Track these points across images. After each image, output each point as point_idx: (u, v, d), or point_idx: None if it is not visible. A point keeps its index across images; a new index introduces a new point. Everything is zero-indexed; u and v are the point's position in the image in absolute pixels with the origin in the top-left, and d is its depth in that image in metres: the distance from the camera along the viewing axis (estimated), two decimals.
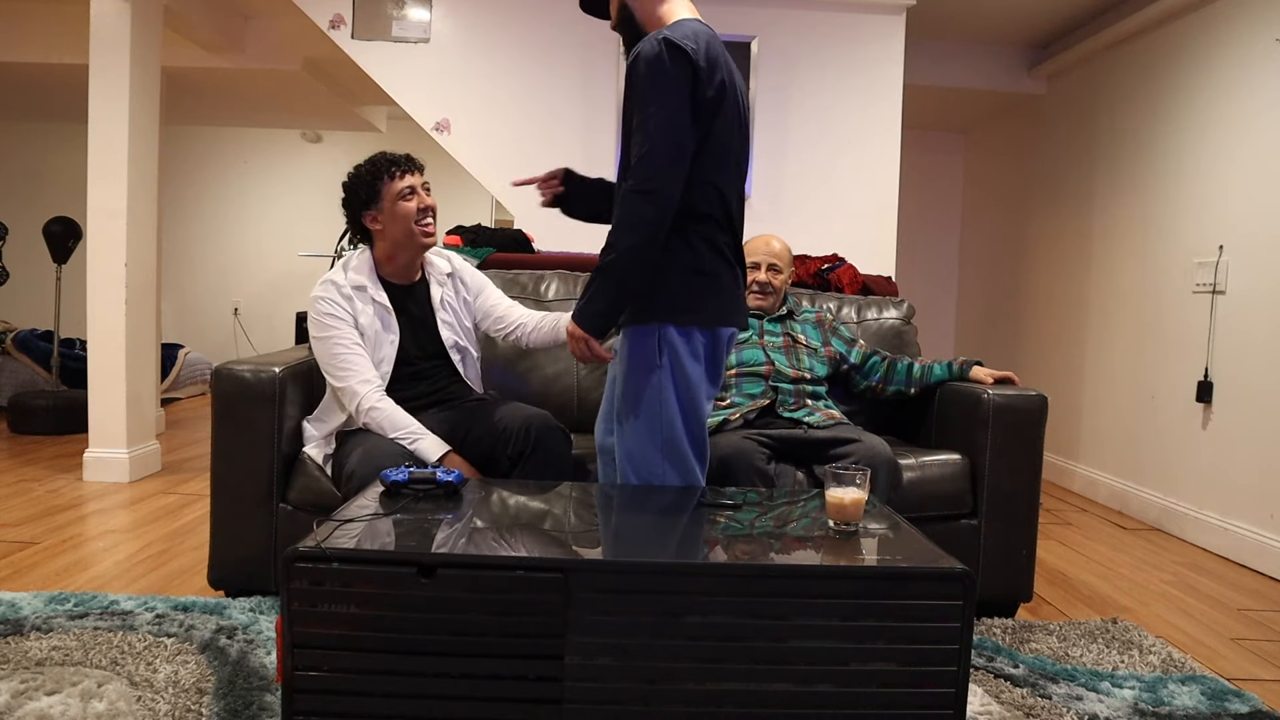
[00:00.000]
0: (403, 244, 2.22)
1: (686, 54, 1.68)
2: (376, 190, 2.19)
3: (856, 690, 1.31)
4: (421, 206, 2.21)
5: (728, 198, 1.81)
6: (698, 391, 1.82)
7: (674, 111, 1.68)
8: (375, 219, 2.21)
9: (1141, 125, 3.93)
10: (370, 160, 2.23)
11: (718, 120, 1.74)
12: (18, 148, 7.25)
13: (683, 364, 1.80)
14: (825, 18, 4.00)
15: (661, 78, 1.68)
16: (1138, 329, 3.88)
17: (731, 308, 1.85)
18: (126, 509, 3.23)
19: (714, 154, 1.76)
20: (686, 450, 1.84)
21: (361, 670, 1.29)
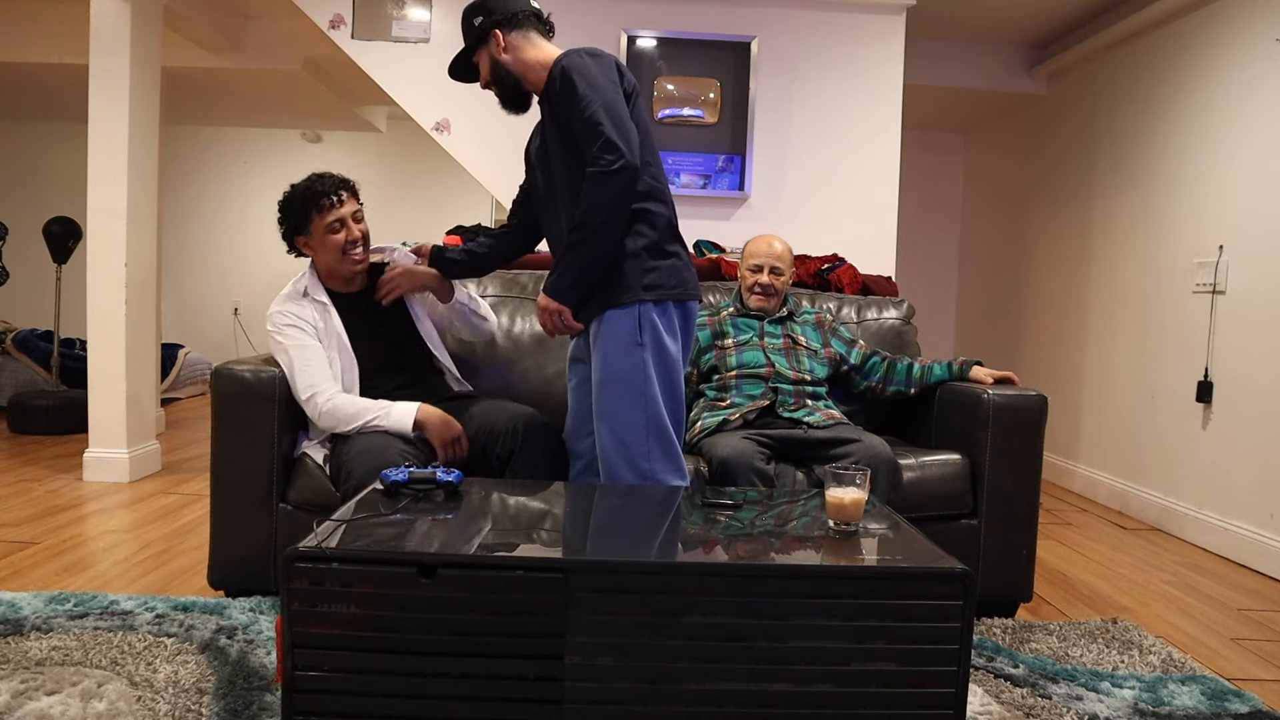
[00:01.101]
0: (334, 269, 2.27)
1: (605, 57, 1.89)
2: (307, 219, 2.23)
3: (856, 690, 1.31)
4: (350, 239, 2.23)
5: (664, 180, 1.98)
6: (676, 367, 1.93)
7: (615, 100, 1.83)
8: (306, 244, 2.26)
9: (1141, 125, 3.93)
10: (304, 185, 2.25)
11: (635, 111, 1.90)
12: (18, 148, 7.25)
13: (662, 340, 1.90)
14: (825, 18, 4.00)
15: (592, 75, 1.84)
16: (1138, 329, 3.88)
17: (694, 281, 1.99)
18: (126, 509, 3.23)
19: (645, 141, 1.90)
20: (668, 427, 1.91)
21: (361, 670, 1.29)
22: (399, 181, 7.36)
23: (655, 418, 1.89)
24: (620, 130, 1.80)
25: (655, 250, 1.91)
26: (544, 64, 1.97)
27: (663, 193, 1.96)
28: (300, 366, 2.15)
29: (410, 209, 7.18)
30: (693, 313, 1.98)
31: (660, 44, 3.91)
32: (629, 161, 1.80)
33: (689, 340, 2.00)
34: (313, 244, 2.25)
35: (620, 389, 1.89)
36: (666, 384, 1.91)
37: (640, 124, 1.90)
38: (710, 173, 3.96)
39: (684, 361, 1.99)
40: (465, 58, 2.10)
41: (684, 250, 1.99)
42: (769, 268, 2.59)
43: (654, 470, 1.90)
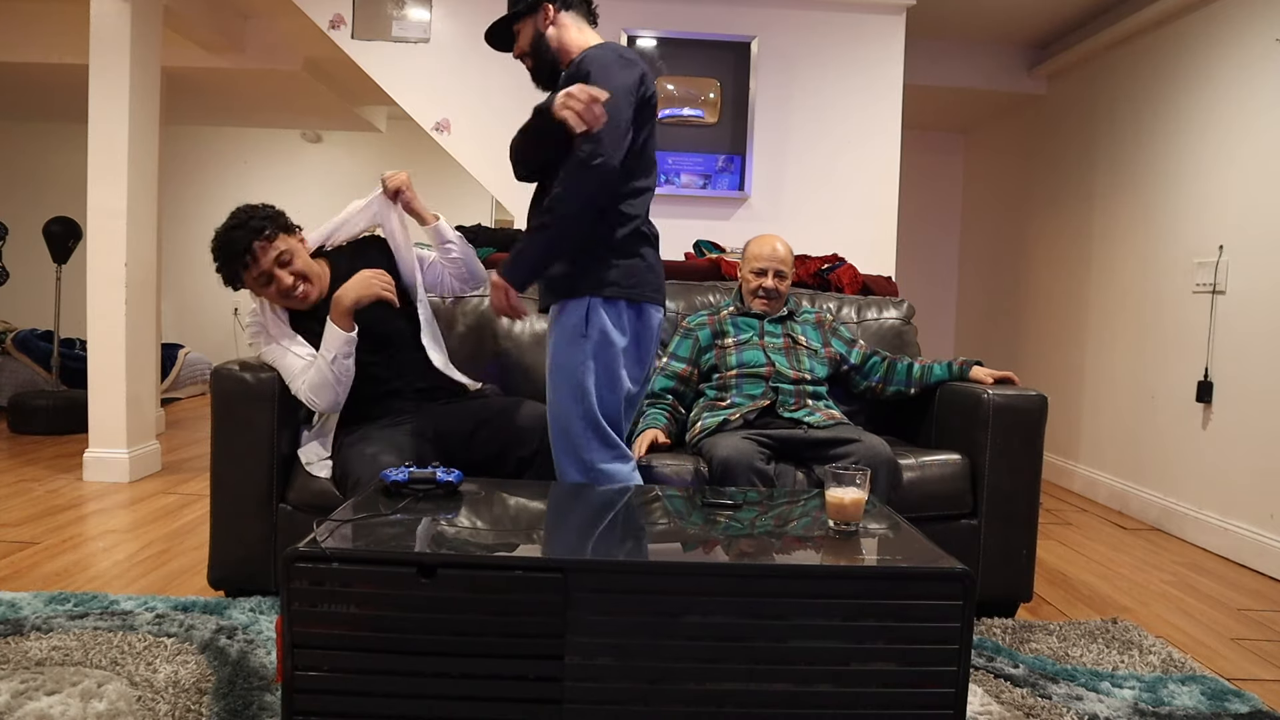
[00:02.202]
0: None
1: (636, 63, 1.89)
2: (237, 275, 2.19)
3: (856, 690, 1.31)
4: (283, 288, 2.15)
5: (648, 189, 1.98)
6: (616, 363, 1.92)
7: (619, 102, 1.82)
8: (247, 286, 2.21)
9: (1141, 125, 3.93)
10: (223, 242, 2.17)
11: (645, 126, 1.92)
12: (18, 148, 7.25)
13: (608, 335, 1.90)
14: (825, 18, 4.00)
15: (613, 71, 1.84)
16: (1138, 329, 3.88)
17: (655, 285, 1.98)
18: (126, 509, 3.23)
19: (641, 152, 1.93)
20: (599, 418, 1.92)
21: (361, 670, 1.29)
22: None
23: (589, 411, 1.91)
24: (611, 128, 1.80)
25: (618, 249, 1.91)
26: (578, 47, 1.97)
27: (641, 200, 1.96)
28: (283, 368, 2.19)
29: None
30: (648, 315, 1.96)
31: (660, 44, 3.91)
32: (607, 160, 1.80)
33: (644, 342, 1.97)
34: (250, 287, 2.22)
35: (560, 379, 1.94)
36: (605, 377, 1.91)
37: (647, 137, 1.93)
38: (710, 173, 3.96)
39: (639, 364, 1.97)
40: (506, 24, 2.07)
41: (651, 254, 1.98)
42: (773, 271, 2.59)
43: (593, 460, 1.93)
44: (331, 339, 2.11)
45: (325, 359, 2.11)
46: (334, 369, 2.11)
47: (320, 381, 2.12)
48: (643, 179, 1.95)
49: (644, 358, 1.99)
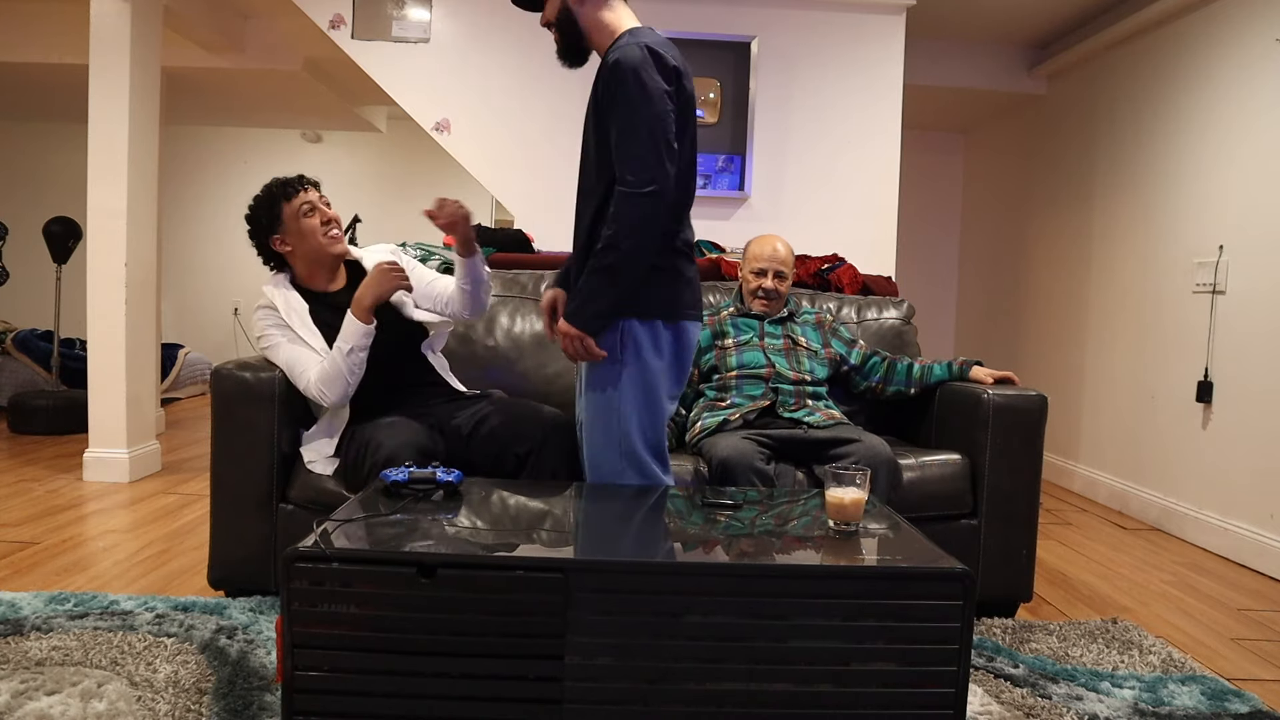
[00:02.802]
0: (316, 258, 2.26)
1: (667, 61, 1.76)
2: (277, 213, 2.22)
3: (856, 690, 1.31)
4: (324, 220, 2.24)
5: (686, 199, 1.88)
6: (657, 386, 1.85)
7: (664, 112, 1.73)
8: (283, 241, 2.24)
9: (1141, 125, 3.93)
10: (265, 188, 2.25)
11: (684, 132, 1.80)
12: (18, 148, 7.25)
13: (644, 358, 1.83)
14: (825, 18, 4.00)
15: (649, 80, 1.72)
16: (1138, 329, 3.88)
17: (692, 300, 1.90)
18: (126, 509, 3.23)
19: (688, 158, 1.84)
20: (638, 446, 1.86)
21: (361, 670, 1.29)
22: (399, 181, 7.36)
23: (625, 436, 1.84)
24: (657, 150, 1.70)
25: (655, 268, 1.81)
26: (612, 31, 1.86)
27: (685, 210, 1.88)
28: (292, 363, 2.18)
29: (410, 209, 7.18)
30: (686, 333, 1.88)
31: None
32: (662, 186, 1.70)
33: (684, 360, 1.90)
34: (289, 238, 2.24)
35: (597, 404, 1.87)
36: (644, 401, 1.84)
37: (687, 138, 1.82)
38: (710, 173, 3.96)
39: (677, 384, 1.90)
40: None
41: (689, 267, 1.89)
42: (773, 272, 2.59)
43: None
44: (351, 331, 2.11)
45: (341, 350, 2.10)
46: (349, 360, 2.10)
47: (334, 374, 2.11)
48: (681, 190, 1.82)
49: (682, 376, 1.91)
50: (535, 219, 3.93)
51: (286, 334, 2.21)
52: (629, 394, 1.84)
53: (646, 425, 1.86)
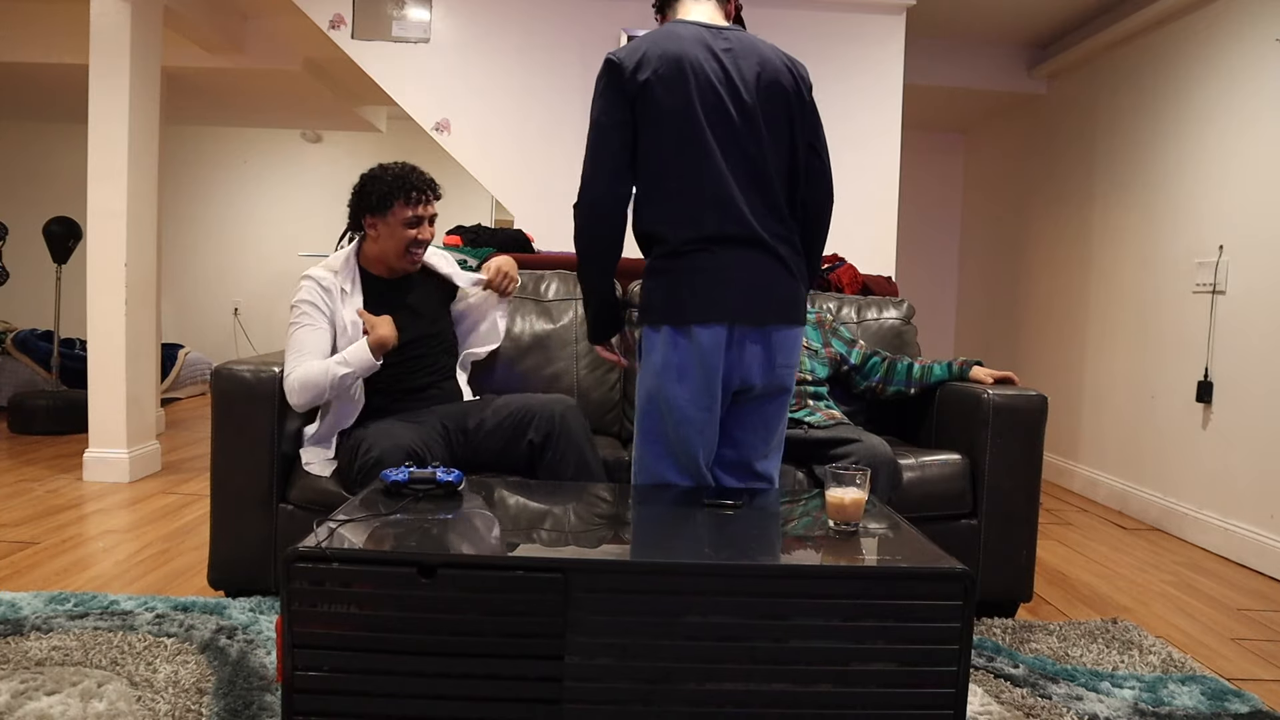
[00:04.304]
0: (389, 259, 2.27)
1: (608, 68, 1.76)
2: (389, 204, 2.19)
3: (856, 690, 1.31)
4: (420, 238, 2.24)
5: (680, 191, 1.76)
6: (670, 396, 1.78)
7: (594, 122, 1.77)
8: (374, 225, 2.23)
9: (1141, 125, 3.93)
10: (398, 172, 2.21)
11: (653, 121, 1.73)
12: (18, 148, 7.25)
13: (652, 366, 1.80)
14: (825, 18, 4.00)
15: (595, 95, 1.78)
16: (1138, 329, 3.88)
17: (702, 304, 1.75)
18: (126, 509, 3.23)
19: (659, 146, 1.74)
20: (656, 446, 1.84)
21: (361, 670, 1.29)
22: None
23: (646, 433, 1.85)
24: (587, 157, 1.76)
25: (654, 270, 1.79)
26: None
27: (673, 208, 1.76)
28: (298, 346, 2.16)
29: None
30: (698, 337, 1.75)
31: None
32: (581, 195, 1.77)
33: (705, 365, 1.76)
34: (381, 228, 2.22)
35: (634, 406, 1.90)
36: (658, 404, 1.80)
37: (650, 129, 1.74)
38: None
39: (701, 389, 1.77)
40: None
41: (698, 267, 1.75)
42: None
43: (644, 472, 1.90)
44: (358, 359, 2.10)
45: (337, 371, 2.09)
46: (339, 382, 2.09)
47: (316, 383, 2.09)
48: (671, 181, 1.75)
49: (706, 381, 1.77)
50: (535, 219, 3.93)
51: (317, 315, 2.19)
52: (643, 396, 1.85)
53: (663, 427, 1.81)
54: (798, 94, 1.82)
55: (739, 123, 1.75)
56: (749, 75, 1.77)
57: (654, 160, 1.75)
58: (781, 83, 1.80)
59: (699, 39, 1.76)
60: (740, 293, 1.76)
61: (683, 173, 1.74)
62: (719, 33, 1.80)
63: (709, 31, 1.79)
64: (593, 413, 2.71)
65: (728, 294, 1.75)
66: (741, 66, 1.78)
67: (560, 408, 2.14)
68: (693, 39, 1.76)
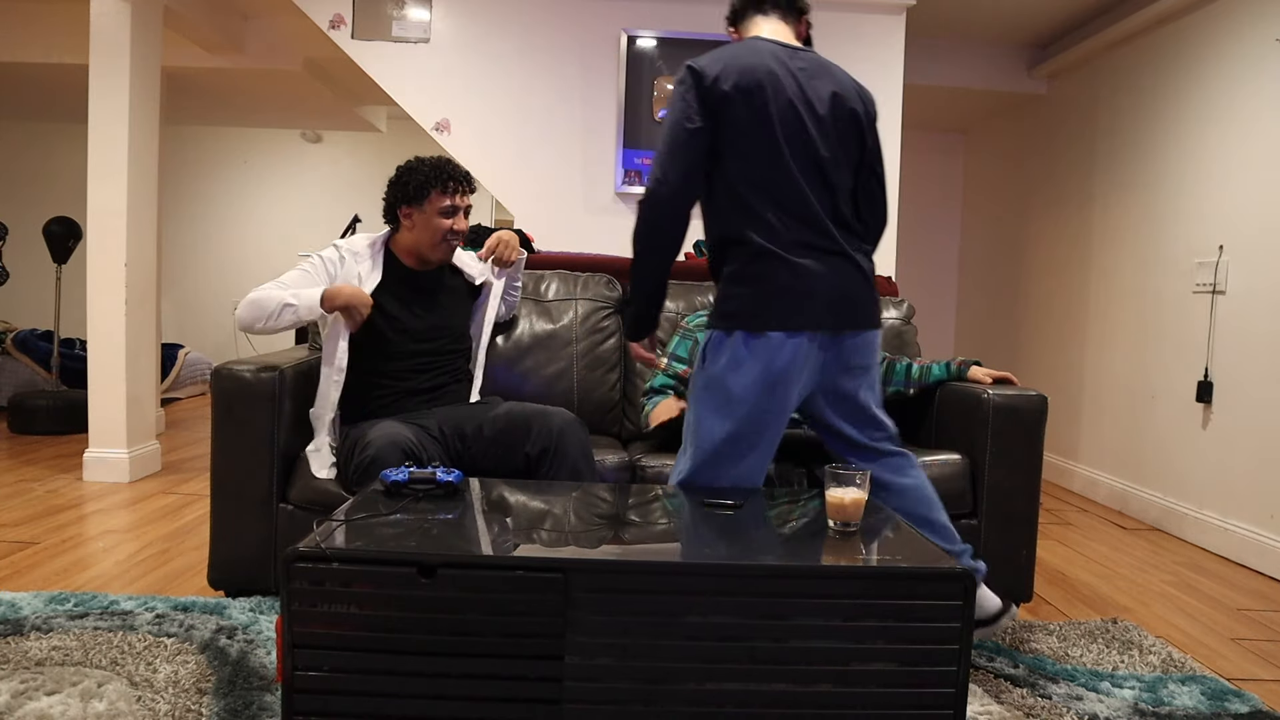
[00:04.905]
0: (423, 249, 2.29)
1: (687, 75, 1.81)
2: (425, 194, 2.23)
3: (856, 690, 1.31)
4: (455, 228, 2.27)
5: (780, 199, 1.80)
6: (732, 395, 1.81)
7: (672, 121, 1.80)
8: (409, 215, 2.26)
9: (1141, 125, 3.93)
10: (434, 163, 2.26)
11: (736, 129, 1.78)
12: (18, 148, 7.25)
13: (720, 366, 1.82)
14: (825, 18, 4.00)
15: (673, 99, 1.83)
16: (1138, 329, 3.88)
17: (785, 310, 1.78)
18: (126, 509, 3.23)
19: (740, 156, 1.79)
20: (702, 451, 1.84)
21: (361, 670, 1.29)
22: None
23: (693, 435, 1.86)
24: (659, 156, 1.79)
25: (733, 277, 1.82)
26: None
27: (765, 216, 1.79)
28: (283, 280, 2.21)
29: None
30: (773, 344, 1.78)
31: (660, 44, 3.91)
32: (653, 191, 1.78)
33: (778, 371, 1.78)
34: (416, 218, 2.25)
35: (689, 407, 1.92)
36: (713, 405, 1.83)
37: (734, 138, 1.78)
38: None
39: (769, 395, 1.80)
40: None
41: (783, 274, 1.78)
42: None
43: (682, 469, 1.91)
44: (308, 302, 2.14)
45: (285, 297, 2.13)
46: (280, 310, 2.13)
47: (262, 306, 2.13)
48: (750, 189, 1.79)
49: (777, 387, 1.80)
50: (535, 219, 3.93)
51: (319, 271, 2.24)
52: (697, 399, 1.86)
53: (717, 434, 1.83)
54: (868, 120, 1.94)
55: (814, 138, 1.82)
56: (824, 95, 1.85)
57: (733, 168, 1.80)
58: (853, 107, 1.89)
59: (776, 56, 1.83)
60: (819, 299, 1.80)
61: (762, 181, 1.80)
62: (794, 52, 1.87)
63: (785, 50, 1.86)
64: (593, 412, 2.71)
65: (807, 301, 1.79)
66: (816, 86, 1.85)
67: (559, 422, 2.13)
68: (771, 55, 1.83)
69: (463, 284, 2.46)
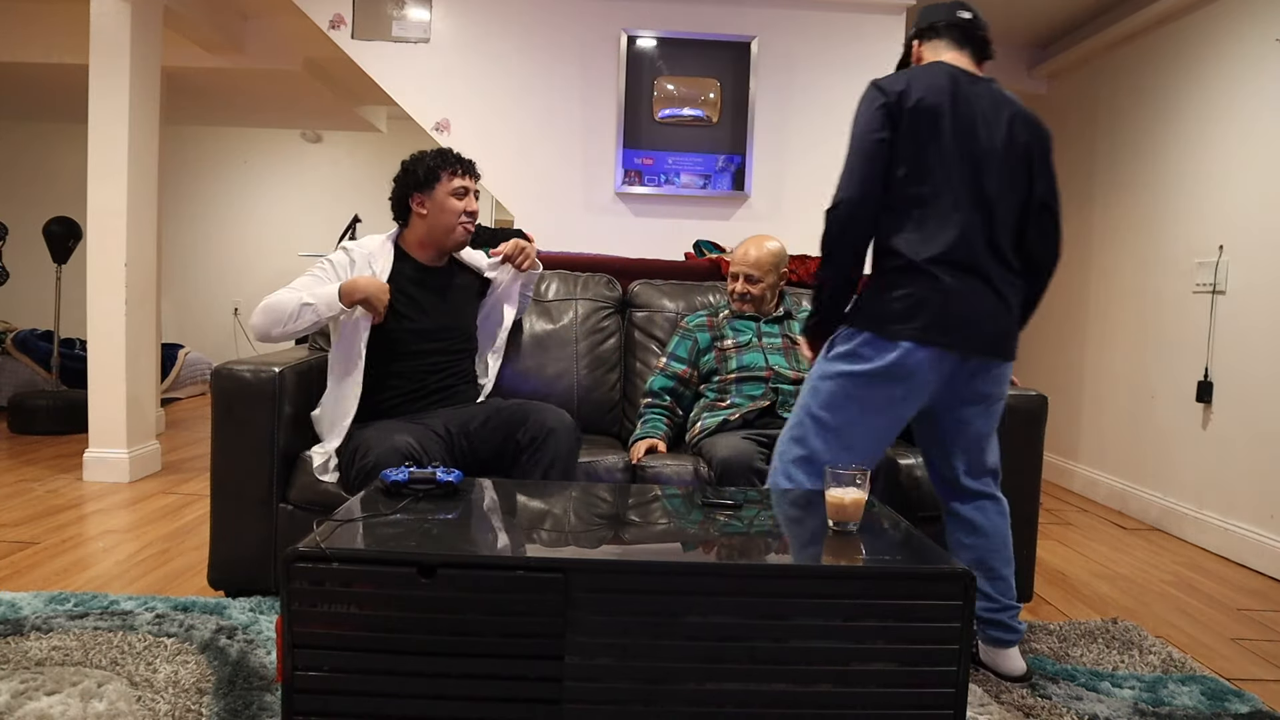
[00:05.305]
0: (438, 235, 2.30)
1: (877, 90, 1.84)
2: (436, 177, 2.26)
3: (856, 690, 1.31)
4: (469, 209, 2.30)
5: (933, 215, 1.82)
6: (844, 386, 1.84)
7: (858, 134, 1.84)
8: (423, 203, 2.28)
9: (1141, 125, 3.93)
10: (437, 150, 2.32)
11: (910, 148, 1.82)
12: (18, 148, 7.25)
13: (840, 357, 1.86)
14: (825, 18, 4.00)
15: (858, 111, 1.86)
16: (1138, 329, 3.88)
17: (924, 323, 1.79)
18: (126, 509, 3.23)
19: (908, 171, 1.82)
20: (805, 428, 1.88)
21: (361, 670, 1.29)
22: None
23: (797, 425, 1.90)
24: (847, 166, 1.83)
25: (883, 285, 1.86)
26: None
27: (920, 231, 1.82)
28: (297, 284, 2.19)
29: None
30: (901, 353, 1.79)
31: (660, 44, 3.91)
32: (838, 199, 1.82)
33: (899, 379, 1.81)
34: (430, 205, 2.28)
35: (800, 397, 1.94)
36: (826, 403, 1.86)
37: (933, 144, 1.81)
38: (710, 173, 3.96)
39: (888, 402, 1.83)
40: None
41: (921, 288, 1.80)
42: (743, 276, 2.60)
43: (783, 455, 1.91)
44: (326, 299, 2.12)
45: (302, 300, 2.11)
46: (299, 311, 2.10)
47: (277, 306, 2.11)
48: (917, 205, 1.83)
49: (896, 394, 1.82)
50: (535, 219, 3.93)
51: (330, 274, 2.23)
52: (819, 389, 1.88)
53: (826, 427, 1.86)
54: (1042, 153, 1.96)
55: (985, 164, 1.85)
56: (1000, 125, 1.89)
57: (905, 182, 1.83)
58: (1028, 139, 1.93)
59: (958, 81, 1.87)
60: (955, 320, 1.82)
61: (923, 197, 1.83)
62: (976, 80, 1.91)
63: (966, 76, 1.90)
64: (592, 412, 2.72)
65: (942, 319, 1.81)
66: (993, 116, 1.89)
67: (554, 420, 2.14)
68: (952, 79, 1.87)
69: (471, 282, 2.46)
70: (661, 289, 2.91)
